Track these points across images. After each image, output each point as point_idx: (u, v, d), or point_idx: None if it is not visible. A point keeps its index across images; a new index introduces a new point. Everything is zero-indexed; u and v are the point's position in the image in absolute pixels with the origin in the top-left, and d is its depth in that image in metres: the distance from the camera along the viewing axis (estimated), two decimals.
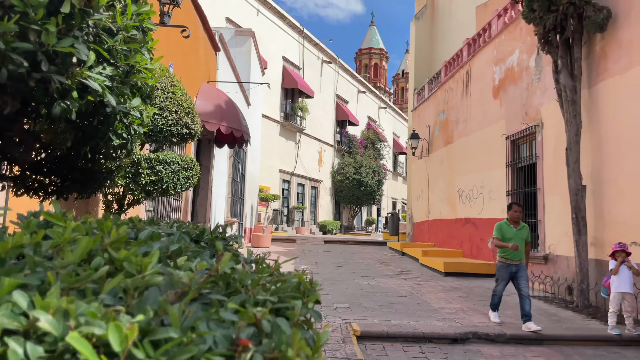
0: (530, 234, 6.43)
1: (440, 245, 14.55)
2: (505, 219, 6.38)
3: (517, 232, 6.25)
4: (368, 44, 69.00)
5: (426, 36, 18.52)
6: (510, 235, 6.20)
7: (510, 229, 6.26)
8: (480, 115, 11.90)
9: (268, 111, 26.30)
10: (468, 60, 12.74)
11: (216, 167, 9.96)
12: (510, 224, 6.29)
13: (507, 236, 6.18)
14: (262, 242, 15.45)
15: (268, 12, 26.74)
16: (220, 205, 10.70)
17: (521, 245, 6.17)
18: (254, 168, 17.40)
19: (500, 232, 6.26)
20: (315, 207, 32.02)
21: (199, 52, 8.10)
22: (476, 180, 12.04)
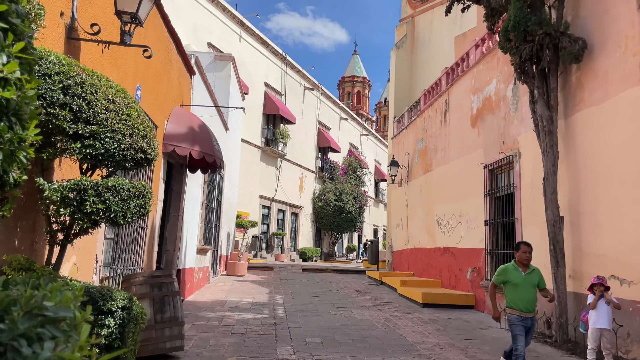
0: (543, 279, 5.38)
1: (419, 275, 14.32)
2: (513, 261, 5.36)
3: (526, 277, 5.19)
4: (351, 72, 69.85)
5: (406, 65, 18.65)
6: (517, 280, 5.15)
7: (518, 273, 5.19)
8: (459, 143, 11.85)
9: (249, 136, 26.14)
10: (447, 89, 12.76)
11: (189, 192, 9.67)
12: (519, 267, 5.23)
13: (514, 281, 5.15)
14: (238, 271, 15.05)
15: (250, 39, 26.83)
16: (192, 232, 10.36)
17: (532, 293, 5.17)
18: (231, 194, 17.10)
19: (504, 277, 5.23)
20: (295, 234, 31.67)
21: (172, 75, 7.90)
22: (455, 209, 11.92)
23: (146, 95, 6.64)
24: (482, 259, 10.39)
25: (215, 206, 13.06)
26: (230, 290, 11.75)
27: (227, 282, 13.55)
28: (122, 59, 5.64)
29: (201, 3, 22.69)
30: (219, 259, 14.69)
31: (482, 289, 10.31)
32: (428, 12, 18.51)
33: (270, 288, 12.63)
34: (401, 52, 18.61)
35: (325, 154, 35.58)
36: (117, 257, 6.10)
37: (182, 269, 9.60)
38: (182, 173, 9.12)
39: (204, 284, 12.26)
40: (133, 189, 3.40)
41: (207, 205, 11.79)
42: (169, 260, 8.88)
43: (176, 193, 9.05)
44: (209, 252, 12.56)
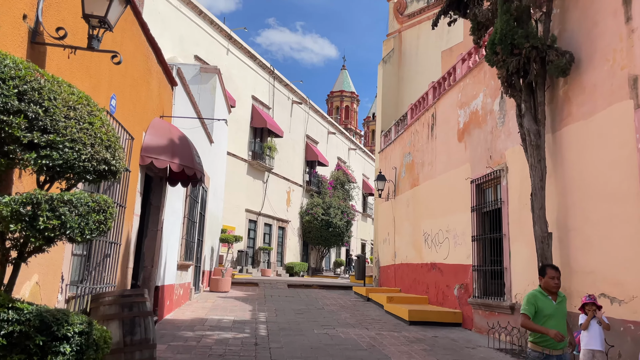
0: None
1: (406, 291, 14.07)
2: (539, 288, 4.57)
3: (558, 307, 4.42)
4: (339, 87, 70.17)
5: (393, 79, 18.60)
6: (549, 310, 4.35)
7: (549, 301, 4.40)
8: (446, 158, 11.71)
9: (236, 150, 25.89)
10: (433, 103, 12.66)
11: (169, 206, 9.37)
12: (548, 295, 4.44)
13: (545, 312, 4.33)
14: (221, 287, 14.69)
15: (238, 52, 26.72)
16: (173, 248, 10.04)
17: (564, 325, 4.43)
18: (216, 207, 16.78)
19: (534, 307, 4.36)
20: (282, 248, 31.31)
21: (151, 85, 7.66)
22: (442, 224, 11.73)
23: (122, 105, 6.39)
24: (469, 275, 10.18)
25: (198, 220, 12.75)
26: (212, 308, 11.40)
27: (210, 298, 13.19)
28: (95, 67, 5.40)
29: (188, 15, 22.55)
30: (201, 275, 14.33)
31: (469, 306, 10.09)
32: (415, 27, 18.53)
33: (253, 305, 12.29)
34: (388, 66, 18.56)
35: (313, 167, 35.41)
36: (87, 274, 5.79)
37: (161, 286, 9.27)
38: (161, 186, 8.84)
39: (185, 301, 11.90)
40: (92, 203, 3.14)
41: (189, 220, 11.49)
42: (146, 277, 8.55)
43: (155, 207, 8.75)
44: (191, 267, 12.22)
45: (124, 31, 6.29)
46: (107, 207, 3.24)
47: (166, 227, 9.29)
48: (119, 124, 6.08)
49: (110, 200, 3.34)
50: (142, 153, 7.34)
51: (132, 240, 7.24)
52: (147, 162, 7.34)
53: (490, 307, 9.18)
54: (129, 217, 6.95)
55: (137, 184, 7.30)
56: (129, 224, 6.99)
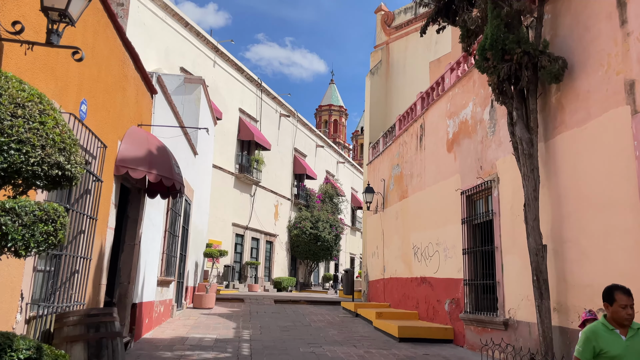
0: None
1: (395, 306, 13.69)
2: (602, 319, 3.42)
3: (629, 344, 3.28)
4: (328, 100, 70.28)
5: (381, 91, 18.41)
6: (618, 350, 3.26)
7: (616, 337, 3.30)
8: (435, 169, 11.44)
9: (222, 162, 25.51)
10: (422, 114, 12.43)
11: (148, 219, 8.97)
12: (614, 328, 3.34)
13: (611, 352, 3.25)
14: (205, 303, 14.21)
15: (225, 64, 26.46)
16: (152, 263, 9.61)
17: None
18: (200, 221, 16.35)
19: (592, 349, 3.29)
20: (270, 263, 30.81)
21: (128, 92, 7.31)
22: (431, 236, 11.43)
23: (94, 112, 6.02)
24: (460, 290, 9.86)
25: (180, 234, 12.31)
26: (194, 325, 10.93)
27: (192, 315, 12.70)
28: (62, 69, 5.05)
29: (174, 27, 22.28)
30: (184, 291, 13.85)
31: (461, 322, 9.74)
32: (402, 39, 18.41)
33: (237, 322, 11.84)
34: (376, 78, 18.38)
35: (301, 181, 35.07)
36: (53, 292, 5.37)
37: (139, 303, 8.82)
38: (139, 198, 8.44)
39: (166, 319, 11.42)
40: (39, 212, 2.77)
41: (171, 234, 11.06)
42: (123, 294, 8.11)
43: (132, 220, 8.34)
44: (173, 283, 11.76)
45: (96, 33, 5.96)
46: (58, 217, 2.88)
47: (145, 241, 8.88)
48: (90, 131, 5.71)
49: (62, 209, 2.97)
50: (117, 163, 6.96)
51: (105, 255, 6.82)
52: (123, 172, 6.96)
53: (483, 322, 8.84)
54: (101, 230, 6.55)
55: (112, 195, 6.91)
56: (101, 238, 6.59)
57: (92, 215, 5.96)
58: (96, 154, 6.06)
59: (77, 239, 5.75)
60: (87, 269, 5.93)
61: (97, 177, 6.03)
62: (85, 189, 5.81)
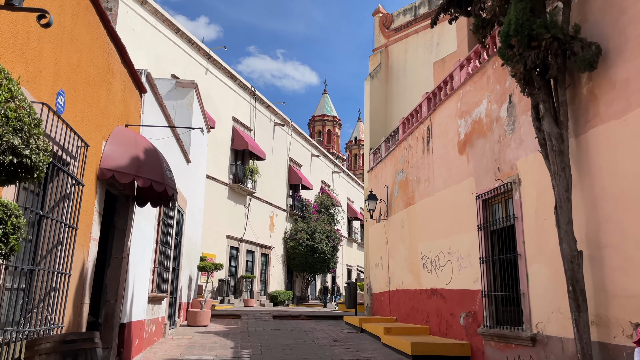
0: None
1: (403, 320, 12.91)
2: None
3: None
4: (321, 111, 69.84)
5: (381, 95, 17.78)
6: None
7: None
8: (445, 173, 10.75)
9: (216, 173, 24.72)
10: (428, 115, 11.76)
11: (138, 230, 8.18)
12: None
13: None
14: (200, 320, 13.35)
15: (218, 72, 25.79)
16: (142, 278, 8.80)
17: None
18: (194, 233, 15.52)
19: None
20: (265, 276, 29.90)
21: (113, 87, 6.58)
22: (443, 245, 10.70)
23: (74, 105, 5.28)
24: (478, 302, 9.11)
25: (173, 247, 11.50)
26: (189, 346, 10.09)
27: (187, 334, 11.84)
28: (34, 53, 4.31)
29: (165, 34, 21.61)
30: (177, 308, 12.99)
31: (479, 337, 8.99)
32: (402, 42, 17.83)
33: (235, 341, 11.00)
34: (375, 81, 17.76)
35: (296, 191, 34.31)
36: (24, 314, 4.58)
37: (128, 322, 8.00)
38: (127, 207, 7.65)
39: (158, 338, 10.56)
40: None
41: (162, 246, 10.25)
42: (109, 313, 7.29)
43: (120, 231, 7.55)
44: (165, 300, 10.93)
45: (76, 16, 5.23)
46: (9, 217, 2.12)
47: (134, 254, 8.08)
48: (69, 127, 4.96)
49: (15, 206, 2.22)
50: (101, 165, 6.20)
51: (88, 270, 6.02)
52: (108, 175, 6.19)
53: (506, 338, 8.09)
54: (83, 242, 5.76)
55: (95, 201, 6.13)
56: (83, 250, 5.80)
57: (72, 224, 5.18)
58: (76, 154, 5.30)
59: (54, 252, 4.96)
60: (66, 286, 5.13)
61: (78, 180, 5.27)
62: (63, 194, 5.04)
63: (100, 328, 7.27)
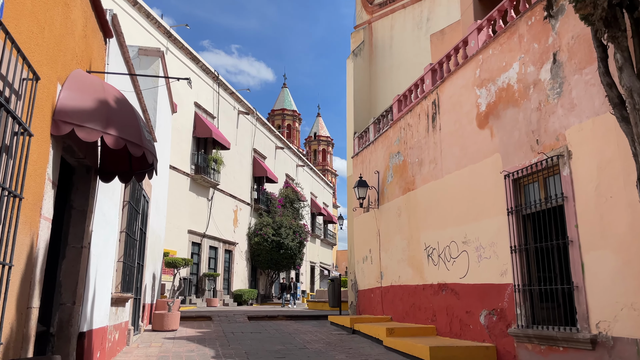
0: None
1: (399, 319, 11.56)
2: None
3: None
4: (281, 105, 68.13)
5: (365, 75, 16.39)
6: None
7: None
8: (458, 152, 9.45)
9: (177, 162, 22.70)
10: (434, 89, 10.44)
11: (100, 213, 6.41)
12: None
13: None
14: (168, 324, 11.53)
15: (179, 52, 23.75)
16: (105, 274, 7.00)
17: None
18: (158, 225, 13.63)
19: None
20: (229, 274, 28.05)
21: (72, 15, 4.85)
22: (455, 234, 9.40)
23: (18, 17, 3.53)
24: (506, 298, 7.85)
25: (139, 238, 9.67)
26: (160, 356, 8.33)
27: (154, 341, 10.05)
28: None
29: (120, 5, 19.43)
30: (141, 310, 11.14)
31: (509, 339, 7.72)
32: (387, 17, 16.50)
33: (214, 348, 9.32)
34: (359, 60, 16.34)
35: (261, 184, 32.55)
36: None
37: (89, 331, 6.23)
38: (89, 182, 5.87)
39: (122, 347, 8.75)
40: None
41: (129, 236, 8.44)
42: (65, 320, 5.51)
43: (79, 213, 5.77)
44: (129, 302, 9.11)
45: None
46: None
47: (96, 243, 6.31)
48: (10, 40, 3.23)
49: None
50: (56, 116, 4.44)
51: (38, 261, 4.27)
52: (65, 130, 4.44)
53: (552, 340, 6.83)
54: (31, 220, 4.02)
55: (48, 166, 4.38)
56: (31, 232, 4.05)
57: (15, 190, 3.45)
58: (21, 90, 3.58)
59: None
60: (6, 282, 3.40)
61: (24, 126, 3.54)
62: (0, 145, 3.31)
63: (52, 340, 5.49)
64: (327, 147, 74.57)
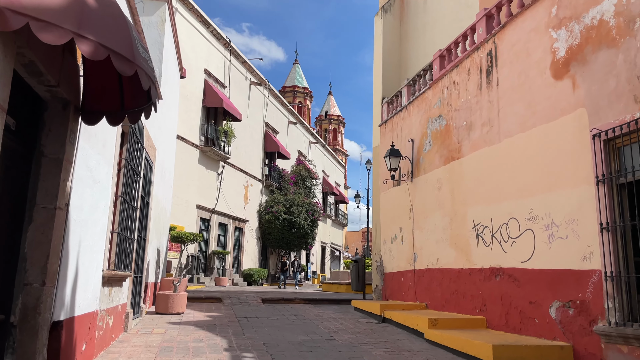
0: None
1: (437, 307, 10.10)
2: None
3: None
4: (292, 82, 66.25)
5: (395, 34, 14.70)
6: None
7: None
8: (524, 109, 7.84)
9: (185, 132, 21.23)
10: (491, 37, 8.80)
11: (84, 168, 4.93)
12: None
13: None
14: (174, 306, 10.14)
15: (188, 14, 22.08)
16: (94, 246, 5.55)
17: None
18: (164, 196, 12.17)
19: None
20: (239, 253, 26.74)
21: None
22: (516, 209, 7.85)
23: None
24: (590, 288, 6.32)
25: (139, 206, 8.20)
26: (164, 347, 6.92)
27: (157, 326, 8.66)
28: None
29: None
30: (143, 290, 9.74)
31: (594, 338, 6.22)
32: None
33: (227, 336, 7.90)
34: (389, 18, 14.63)
35: (272, 160, 31.07)
36: None
37: (69, 319, 4.78)
38: (66, 122, 4.36)
39: (118, 335, 7.35)
40: None
41: (126, 202, 6.95)
42: (31, 305, 4.06)
43: (52, 162, 4.28)
44: (128, 280, 7.68)
45: None
46: None
47: (79, 206, 4.83)
48: None
49: None
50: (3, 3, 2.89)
51: None
52: (17, 23, 2.89)
53: None
54: None
55: None
56: None
57: None
58: None
59: None
60: None
61: None
62: None
63: (14, 333, 4.05)
64: (338, 126, 72.84)
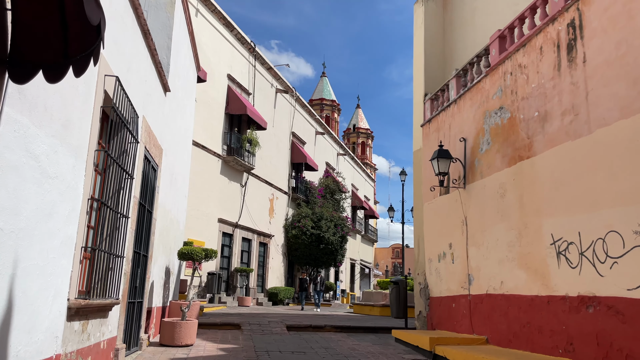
0: None
1: (502, 343, 8.17)
2: None
3: None
4: (319, 94, 64.92)
5: (438, 22, 12.99)
6: None
7: None
8: (625, 89, 6.00)
9: (207, 141, 19.83)
10: (573, 3, 6.99)
11: (19, 151, 3.38)
12: None
13: None
14: (181, 337, 8.47)
15: (210, 16, 20.81)
16: (46, 267, 3.96)
17: None
18: (175, 205, 10.60)
19: None
20: (264, 270, 25.08)
21: None
22: (619, 218, 5.95)
23: None
24: None
25: (137, 216, 6.59)
26: None
27: None
28: None
29: None
30: (144, 317, 8.10)
31: None
32: None
33: None
34: (431, 4, 12.94)
35: (299, 172, 29.48)
36: None
37: None
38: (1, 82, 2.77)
39: None
40: None
41: (109, 209, 5.33)
42: None
43: None
44: (116, 308, 6.05)
45: None
46: None
47: (6, 205, 3.22)
48: None
49: None
50: None
51: None
52: None
53: None
54: None
55: None
56: None
57: None
58: None
59: None
60: None
61: None
62: None
63: None
64: (366, 139, 71.13)
